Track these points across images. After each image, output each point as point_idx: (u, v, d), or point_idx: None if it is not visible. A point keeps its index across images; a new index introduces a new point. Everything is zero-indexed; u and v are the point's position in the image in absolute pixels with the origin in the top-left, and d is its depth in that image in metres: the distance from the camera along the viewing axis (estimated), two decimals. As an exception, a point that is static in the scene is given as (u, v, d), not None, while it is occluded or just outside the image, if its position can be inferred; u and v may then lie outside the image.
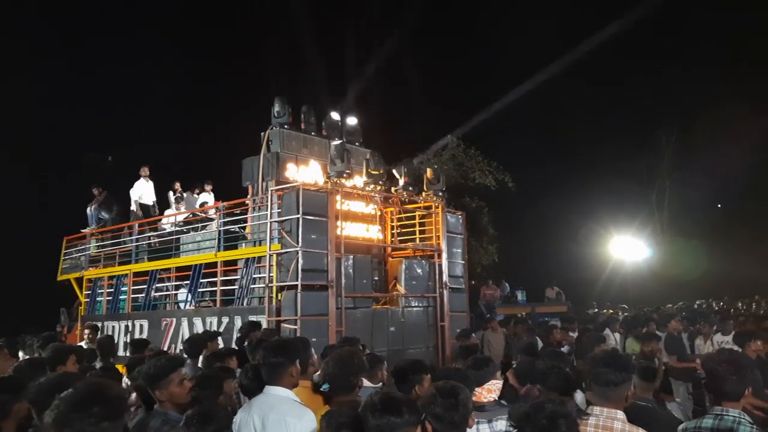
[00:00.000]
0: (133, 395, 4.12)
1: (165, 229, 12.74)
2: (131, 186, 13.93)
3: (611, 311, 19.07)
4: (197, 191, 13.97)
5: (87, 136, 24.21)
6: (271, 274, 9.00)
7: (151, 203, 13.83)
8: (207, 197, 13.70)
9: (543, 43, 31.18)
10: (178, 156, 21.43)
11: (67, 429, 2.09)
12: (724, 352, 3.50)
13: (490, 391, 3.74)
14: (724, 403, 3.14)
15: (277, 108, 10.94)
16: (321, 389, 4.03)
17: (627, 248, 27.04)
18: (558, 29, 31.30)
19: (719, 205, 33.57)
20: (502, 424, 3.39)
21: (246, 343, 6.89)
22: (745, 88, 27.95)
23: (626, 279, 27.67)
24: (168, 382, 3.49)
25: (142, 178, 13.82)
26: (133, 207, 13.69)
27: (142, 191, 13.79)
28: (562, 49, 31.93)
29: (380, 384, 4.60)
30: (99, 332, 10.31)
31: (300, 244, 8.60)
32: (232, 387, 4.73)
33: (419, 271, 10.52)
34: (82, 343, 9.06)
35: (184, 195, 13.63)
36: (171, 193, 13.83)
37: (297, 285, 8.51)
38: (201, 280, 10.78)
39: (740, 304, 20.25)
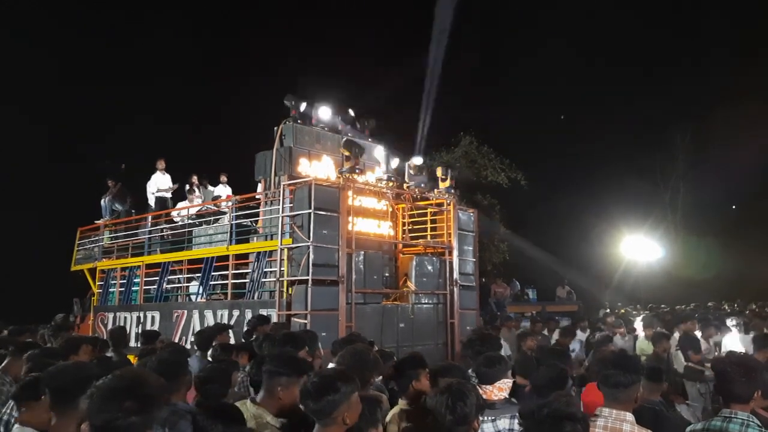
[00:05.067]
0: None
1: (178, 222, 12.81)
2: (146, 179, 13.98)
3: (623, 311, 18.97)
4: (209, 183, 14.05)
5: (97, 129, 24.40)
6: (282, 269, 9.04)
7: (169, 196, 13.89)
8: (222, 189, 13.77)
9: (557, 43, 31.08)
10: (192, 148, 21.54)
11: (97, 418, 2.13)
12: (734, 354, 3.48)
13: (501, 389, 3.74)
14: (732, 405, 3.12)
15: (290, 102, 10.98)
16: None
17: (639, 248, 26.86)
18: (571, 28, 31.13)
19: (733, 206, 33.24)
20: (505, 422, 3.40)
21: (254, 337, 6.92)
22: (759, 87, 27.65)
23: (638, 279, 27.50)
24: None
25: (158, 171, 13.86)
26: (151, 201, 13.75)
27: (158, 184, 13.84)
28: (576, 48, 31.92)
29: None
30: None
31: (311, 239, 8.63)
32: (237, 379, 4.82)
33: (430, 268, 10.51)
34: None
35: (198, 188, 13.68)
36: (187, 187, 13.89)
37: (308, 280, 8.55)
38: (212, 273, 10.85)
39: (754, 306, 20.05)
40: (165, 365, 3.77)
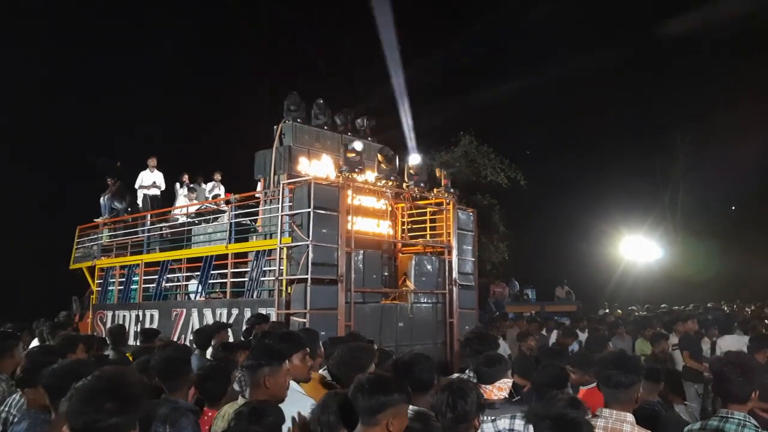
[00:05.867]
0: None
1: (177, 220, 12.81)
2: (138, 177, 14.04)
3: (618, 311, 18.99)
4: (203, 180, 14.06)
5: (95, 127, 24.41)
6: (281, 267, 9.02)
7: (156, 193, 13.91)
8: (216, 187, 13.79)
9: (557, 42, 31.11)
10: (187, 147, 21.54)
11: (77, 421, 2.09)
12: (731, 354, 3.48)
13: (501, 389, 3.73)
14: (729, 405, 3.12)
15: (290, 101, 10.98)
16: (326, 380, 4.09)
17: (639, 248, 26.89)
18: (572, 27, 31.13)
19: (733, 207, 33.28)
20: (505, 422, 3.40)
21: (252, 335, 6.91)
22: (760, 87, 27.65)
23: (638, 279, 27.51)
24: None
25: (147, 169, 13.88)
26: (139, 199, 13.80)
27: (143, 182, 13.87)
28: (576, 48, 31.92)
29: None
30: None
31: (311, 237, 8.62)
32: (234, 377, 4.83)
33: (429, 267, 10.51)
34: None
35: (194, 186, 13.69)
36: (178, 185, 13.88)
37: (307, 278, 8.53)
38: (212, 272, 10.83)
39: (752, 307, 20.08)
40: (170, 363, 3.78)
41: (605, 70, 32.56)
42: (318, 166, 10.90)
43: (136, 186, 13.84)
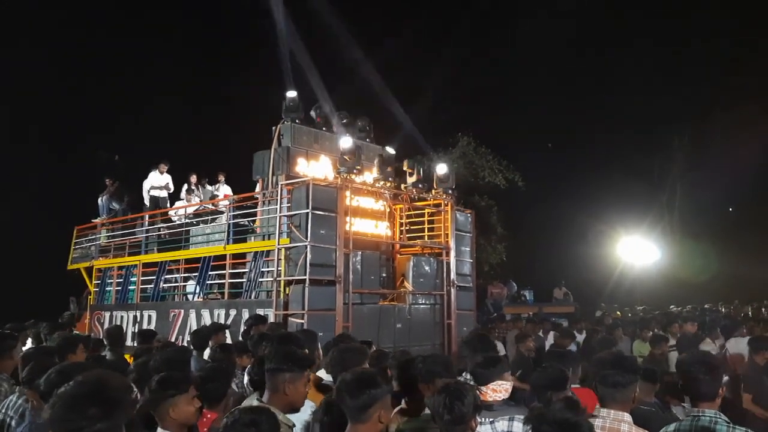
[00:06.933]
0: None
1: (175, 221, 12.80)
2: (144, 177, 13.98)
3: (617, 313, 19.00)
4: (207, 182, 14.05)
5: (96, 127, 24.40)
6: (279, 268, 9.02)
7: (164, 195, 13.90)
8: (221, 188, 13.77)
9: (556, 43, 31.11)
10: (190, 148, 21.52)
11: (60, 428, 2.04)
12: (696, 353, 3.51)
13: (495, 390, 3.73)
14: (700, 404, 3.12)
15: (288, 102, 10.98)
16: (321, 382, 4.11)
17: (636, 249, 26.90)
18: (571, 27, 31.16)
19: (731, 208, 33.29)
20: (503, 424, 3.40)
21: (250, 336, 6.90)
22: (758, 89, 27.69)
23: (635, 281, 27.52)
24: None
25: (156, 171, 13.85)
26: (146, 199, 13.77)
27: (152, 183, 13.84)
28: (572, 48, 31.96)
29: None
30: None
31: (309, 238, 8.62)
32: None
33: (427, 268, 10.51)
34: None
35: (197, 187, 13.68)
36: (185, 186, 13.88)
37: (305, 279, 8.53)
38: (209, 273, 10.83)
39: (749, 308, 20.10)
40: (171, 364, 3.77)
41: (603, 70, 32.69)
42: (316, 167, 10.92)
43: (147, 187, 13.76)
